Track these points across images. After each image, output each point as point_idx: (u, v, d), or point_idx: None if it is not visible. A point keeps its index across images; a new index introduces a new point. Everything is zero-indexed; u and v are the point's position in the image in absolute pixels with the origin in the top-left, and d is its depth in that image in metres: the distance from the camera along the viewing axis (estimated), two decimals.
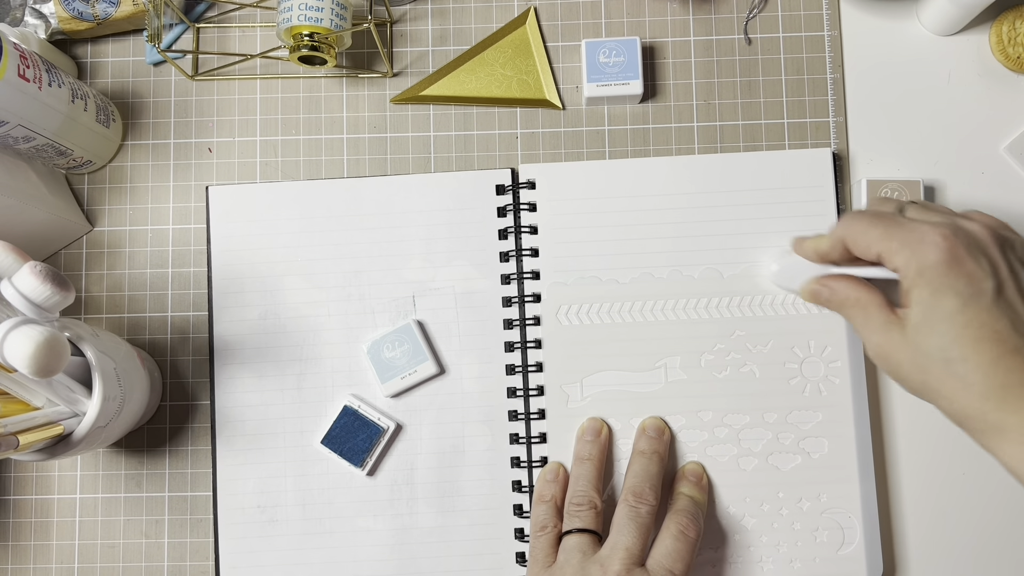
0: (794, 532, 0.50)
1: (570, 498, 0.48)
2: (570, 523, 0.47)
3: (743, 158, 0.53)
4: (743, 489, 0.50)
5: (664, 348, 0.51)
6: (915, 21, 0.55)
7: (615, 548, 0.44)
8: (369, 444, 0.51)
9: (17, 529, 0.53)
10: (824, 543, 0.49)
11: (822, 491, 0.50)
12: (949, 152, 0.54)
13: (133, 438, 0.53)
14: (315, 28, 0.50)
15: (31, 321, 0.38)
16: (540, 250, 0.52)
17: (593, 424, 0.50)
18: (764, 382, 0.51)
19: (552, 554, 0.46)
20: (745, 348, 0.51)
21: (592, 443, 0.50)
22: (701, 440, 0.50)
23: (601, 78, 0.53)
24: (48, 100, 0.47)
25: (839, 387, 0.50)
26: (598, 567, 0.44)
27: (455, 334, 0.52)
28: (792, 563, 0.49)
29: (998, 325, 0.38)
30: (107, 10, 0.54)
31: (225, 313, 0.53)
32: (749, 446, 0.50)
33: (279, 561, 0.51)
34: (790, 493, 0.50)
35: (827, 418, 0.50)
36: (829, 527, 0.50)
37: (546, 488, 0.49)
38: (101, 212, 0.55)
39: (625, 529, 0.45)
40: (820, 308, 0.49)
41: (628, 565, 0.43)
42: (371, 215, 0.53)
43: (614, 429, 0.51)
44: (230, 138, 0.55)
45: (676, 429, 0.51)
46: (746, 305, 0.51)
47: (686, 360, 0.51)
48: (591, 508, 0.47)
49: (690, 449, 0.50)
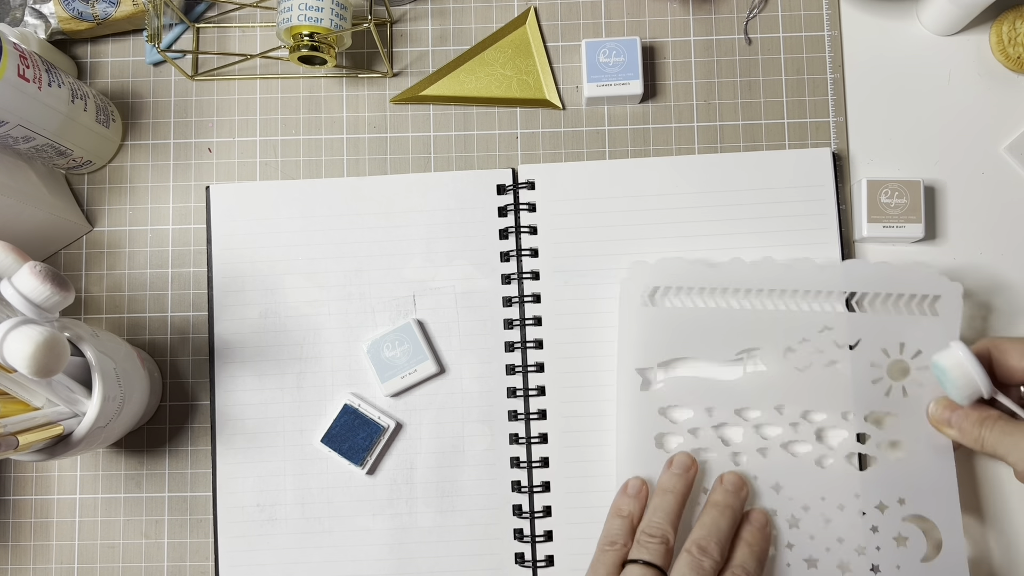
0: (875, 536, 0.48)
1: (644, 527, 0.46)
2: (638, 552, 0.45)
3: (743, 158, 0.53)
4: (821, 487, 0.48)
5: (747, 338, 0.49)
6: (915, 21, 0.55)
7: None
8: (369, 443, 0.51)
9: (17, 529, 0.53)
10: (907, 550, 0.47)
11: (904, 495, 0.48)
12: (949, 152, 0.54)
13: (133, 438, 0.53)
14: (315, 28, 0.50)
15: (31, 321, 0.38)
16: (540, 250, 0.52)
17: (683, 459, 0.49)
18: (847, 380, 0.49)
19: (614, 574, 0.45)
20: (832, 345, 0.49)
21: (679, 477, 0.48)
22: (779, 435, 0.49)
23: (601, 78, 0.53)
24: (48, 100, 0.47)
25: (925, 391, 0.48)
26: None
27: (455, 334, 0.52)
28: (875, 569, 0.47)
29: None
30: (107, 10, 0.54)
31: (226, 312, 0.53)
32: (828, 444, 0.49)
33: (278, 560, 0.51)
34: (870, 495, 0.48)
35: (909, 422, 0.48)
36: (912, 534, 0.47)
37: (625, 503, 0.48)
38: (101, 212, 0.55)
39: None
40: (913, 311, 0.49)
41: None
42: (372, 214, 0.53)
43: (689, 418, 0.50)
44: (230, 138, 0.55)
45: (753, 422, 0.49)
46: (836, 299, 0.49)
47: (768, 352, 0.49)
48: (663, 543, 0.45)
49: (767, 444, 0.49)
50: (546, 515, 0.51)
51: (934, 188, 0.53)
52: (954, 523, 0.47)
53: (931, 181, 0.53)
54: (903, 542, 0.48)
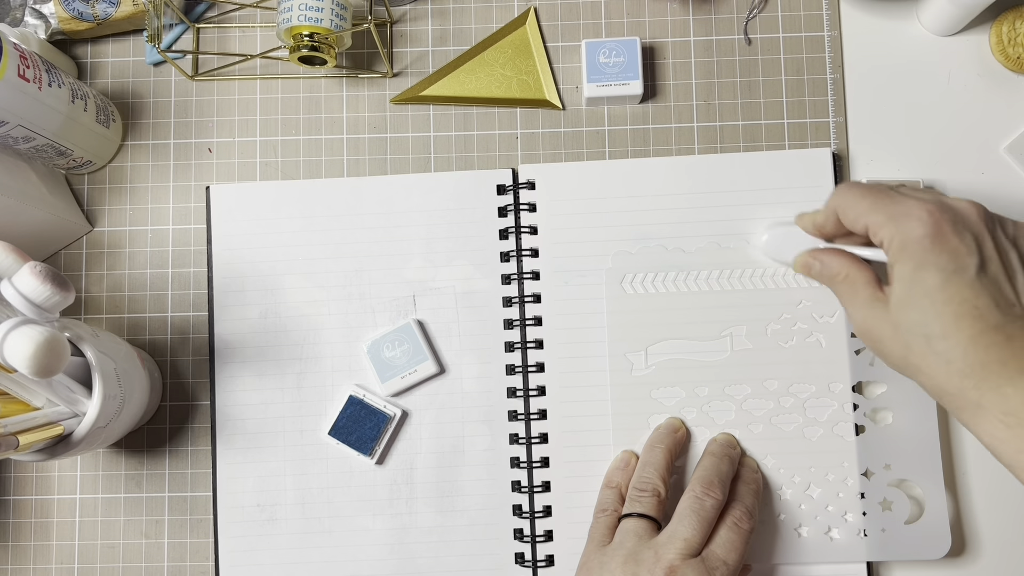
0: (861, 502, 0.50)
1: (634, 483, 0.48)
2: (631, 507, 0.47)
3: (743, 158, 0.53)
4: (808, 458, 0.50)
5: (729, 317, 0.51)
6: (915, 21, 0.55)
7: (673, 537, 0.44)
8: (376, 432, 0.51)
9: (17, 529, 0.53)
10: (892, 513, 0.49)
11: (888, 460, 0.50)
12: (949, 152, 0.54)
13: (133, 438, 0.53)
14: (315, 28, 0.50)
15: (31, 321, 0.38)
16: (540, 250, 0.52)
17: (672, 421, 0.50)
18: (831, 352, 0.50)
19: (609, 535, 0.46)
20: (812, 318, 0.51)
21: (667, 435, 0.50)
22: (767, 409, 0.51)
23: (601, 78, 0.53)
24: (48, 100, 0.47)
25: None
26: (652, 553, 0.43)
27: (455, 334, 0.52)
28: (859, 533, 0.49)
29: (979, 301, 0.38)
30: (107, 10, 0.54)
31: (226, 312, 0.53)
32: (814, 415, 0.50)
33: (278, 560, 0.51)
34: (855, 462, 0.50)
35: (893, 389, 0.50)
36: (896, 497, 0.49)
37: (614, 475, 0.49)
38: (101, 212, 0.55)
39: (687, 520, 0.44)
40: None
41: (684, 555, 0.43)
42: (372, 214, 0.53)
43: (680, 399, 0.51)
44: (230, 138, 0.55)
45: (741, 398, 0.51)
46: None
47: (752, 329, 0.51)
48: (654, 495, 0.46)
49: (755, 419, 0.51)
50: (546, 515, 0.51)
51: (934, 188, 0.53)
52: (936, 486, 0.49)
53: (931, 181, 0.53)
54: (888, 506, 0.50)
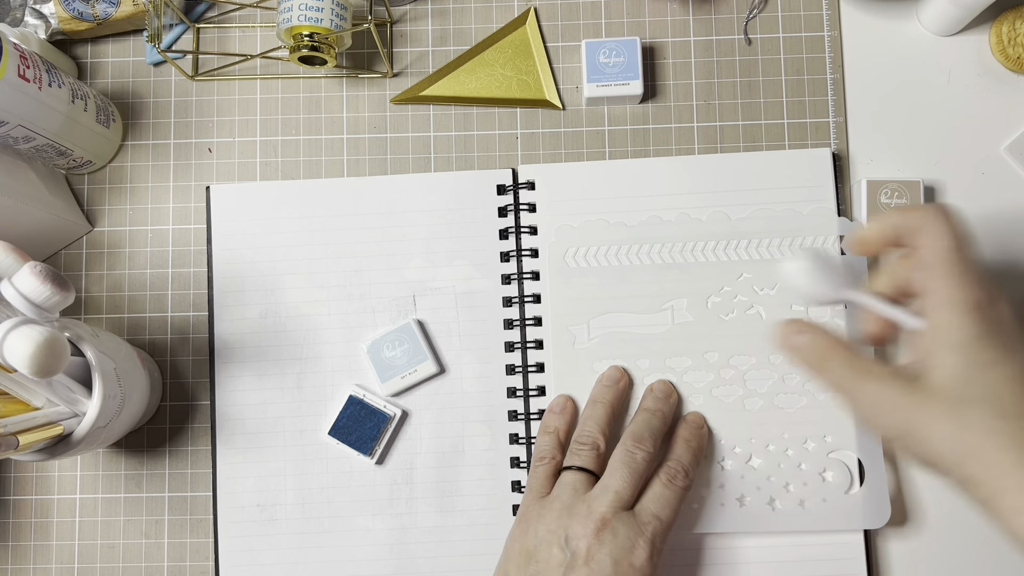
0: (801, 472, 0.50)
1: (576, 437, 0.48)
2: (570, 460, 0.47)
3: (743, 158, 0.53)
4: (749, 429, 0.50)
5: (671, 290, 0.51)
6: (915, 21, 0.55)
7: (605, 489, 0.45)
8: (376, 432, 0.51)
9: (17, 529, 0.53)
10: (831, 484, 0.49)
11: (827, 432, 0.50)
12: (949, 152, 0.54)
13: (133, 438, 0.53)
14: (315, 28, 0.50)
15: (31, 321, 0.38)
16: (540, 250, 0.52)
17: (614, 372, 0.51)
18: (770, 324, 0.51)
19: (548, 485, 0.47)
20: (752, 290, 0.51)
21: (609, 388, 0.50)
22: (707, 381, 0.51)
23: (601, 78, 0.53)
24: (48, 100, 0.47)
25: (845, 330, 0.50)
26: (585, 506, 0.44)
27: (455, 334, 0.52)
28: (801, 503, 0.49)
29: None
30: (107, 10, 0.54)
31: (226, 312, 0.53)
32: (755, 387, 0.51)
33: (278, 560, 0.51)
34: (795, 434, 0.50)
35: None
36: (835, 468, 0.50)
37: (551, 420, 0.50)
38: (101, 212, 0.55)
39: (618, 473, 0.45)
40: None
41: (615, 508, 0.44)
42: (372, 214, 0.53)
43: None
44: (230, 138, 0.55)
45: (681, 370, 0.51)
46: (753, 248, 0.51)
47: (693, 302, 0.51)
48: (594, 449, 0.47)
49: (695, 391, 0.51)
50: None
51: (934, 188, 0.53)
52: (876, 456, 0.50)
53: (931, 181, 0.53)
54: (828, 476, 0.50)
